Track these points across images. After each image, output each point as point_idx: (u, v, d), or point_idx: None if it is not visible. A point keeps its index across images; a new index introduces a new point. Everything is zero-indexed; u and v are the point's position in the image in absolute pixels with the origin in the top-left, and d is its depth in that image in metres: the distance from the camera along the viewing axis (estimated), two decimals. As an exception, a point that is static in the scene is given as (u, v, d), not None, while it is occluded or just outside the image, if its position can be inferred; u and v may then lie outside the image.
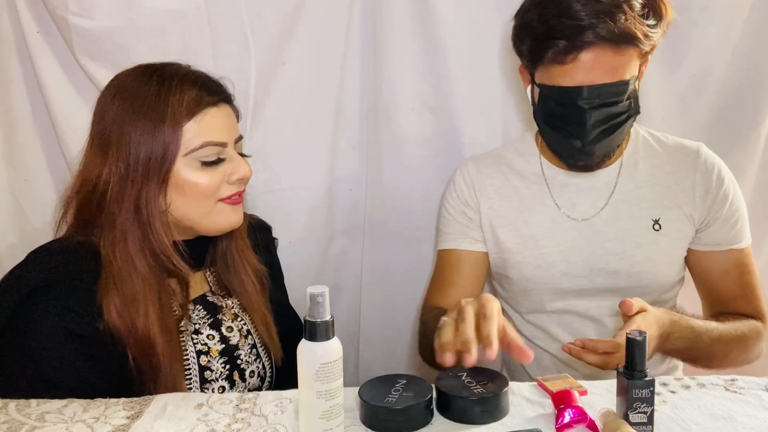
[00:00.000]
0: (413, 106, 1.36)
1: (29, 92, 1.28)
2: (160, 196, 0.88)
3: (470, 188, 1.17)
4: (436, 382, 0.77)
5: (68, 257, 0.88)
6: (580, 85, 0.95)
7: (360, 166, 1.42)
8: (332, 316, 0.68)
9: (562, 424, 0.71)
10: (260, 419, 0.75)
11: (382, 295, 1.46)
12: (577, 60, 0.94)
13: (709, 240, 1.09)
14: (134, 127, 0.87)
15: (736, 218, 1.08)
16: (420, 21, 1.31)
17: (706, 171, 1.08)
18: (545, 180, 1.14)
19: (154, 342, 0.86)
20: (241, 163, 0.94)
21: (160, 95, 0.88)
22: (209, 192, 0.91)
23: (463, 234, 1.18)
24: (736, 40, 1.31)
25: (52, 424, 0.74)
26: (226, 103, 0.95)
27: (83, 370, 0.84)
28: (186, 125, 0.88)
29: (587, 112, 0.96)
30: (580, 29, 0.91)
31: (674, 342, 0.94)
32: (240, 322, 1.01)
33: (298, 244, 1.37)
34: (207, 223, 0.93)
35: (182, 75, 0.91)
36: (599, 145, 1.00)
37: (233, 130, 0.95)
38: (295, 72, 1.32)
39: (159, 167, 0.87)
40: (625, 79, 0.95)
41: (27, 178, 1.31)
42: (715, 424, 0.72)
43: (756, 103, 1.32)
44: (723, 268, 1.08)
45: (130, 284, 0.87)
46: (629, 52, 0.95)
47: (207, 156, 0.90)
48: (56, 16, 1.21)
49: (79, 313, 0.84)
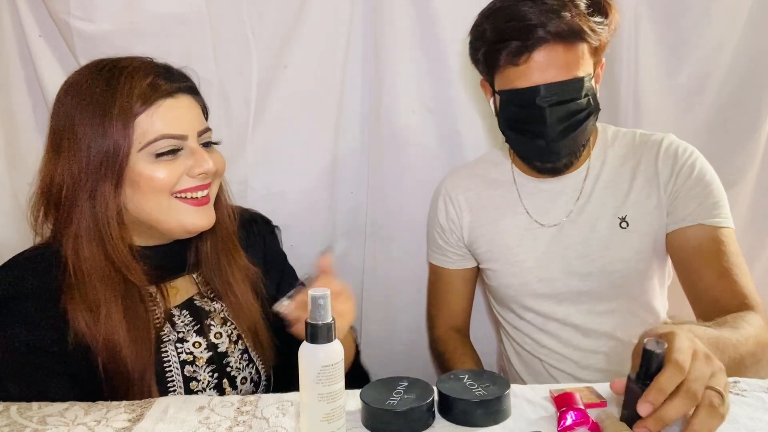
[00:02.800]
0: (414, 109, 1.36)
1: (31, 95, 1.28)
2: (116, 195, 0.84)
3: (449, 208, 1.21)
4: (437, 384, 0.77)
5: (31, 268, 0.85)
6: (536, 84, 0.97)
7: (361, 168, 1.42)
8: (333, 318, 0.68)
9: (564, 426, 0.71)
10: (261, 422, 0.75)
11: (383, 298, 1.46)
12: (531, 60, 0.97)
13: (678, 216, 1.04)
14: (84, 124, 0.84)
15: (705, 193, 1.03)
16: (420, 24, 1.32)
17: (668, 156, 1.07)
18: (516, 188, 1.16)
19: (119, 347, 0.82)
20: (204, 155, 0.88)
21: (109, 89, 0.84)
22: (166, 186, 0.86)
23: (443, 254, 1.25)
24: (737, 41, 1.31)
25: (53, 427, 0.74)
26: (186, 93, 0.90)
27: (44, 384, 0.82)
28: (138, 119, 0.84)
29: (546, 110, 0.98)
30: (530, 28, 0.95)
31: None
32: (230, 326, 0.97)
33: (299, 246, 1.37)
34: (169, 222, 0.87)
35: (134, 67, 0.87)
36: (563, 144, 1.01)
37: (194, 122, 0.89)
38: (296, 75, 1.32)
39: (112, 165, 0.83)
40: (579, 76, 0.98)
41: (29, 181, 1.31)
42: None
43: (756, 104, 1.32)
44: (697, 243, 1.02)
45: (92, 288, 0.83)
46: (580, 48, 0.97)
47: (161, 148, 0.85)
48: (58, 20, 1.21)
49: (39, 326, 0.82)
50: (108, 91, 0.84)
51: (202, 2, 1.25)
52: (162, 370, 0.88)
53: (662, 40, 1.32)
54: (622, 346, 1.10)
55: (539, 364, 1.16)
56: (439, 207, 1.24)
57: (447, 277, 1.25)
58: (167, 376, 0.88)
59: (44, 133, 1.28)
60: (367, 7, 1.32)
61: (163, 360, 0.89)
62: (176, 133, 0.86)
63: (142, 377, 0.84)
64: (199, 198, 0.89)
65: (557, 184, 1.12)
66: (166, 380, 0.88)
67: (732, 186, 1.27)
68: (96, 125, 0.83)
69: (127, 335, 0.83)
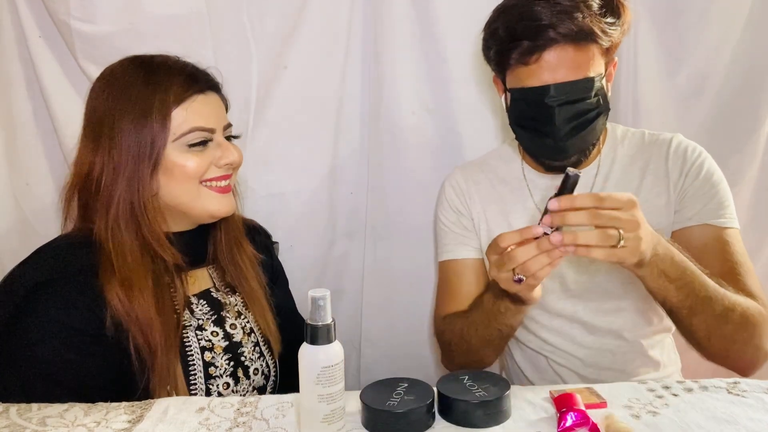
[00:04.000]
0: (414, 110, 1.36)
1: (31, 96, 1.28)
2: (151, 182, 0.91)
3: (460, 196, 1.20)
4: (437, 385, 0.77)
5: (70, 253, 0.90)
6: (546, 83, 0.98)
7: (361, 169, 1.42)
8: (333, 319, 0.68)
9: (564, 427, 0.71)
10: (261, 423, 0.75)
11: (383, 298, 1.46)
12: (541, 59, 0.97)
13: (684, 215, 1.05)
14: (124, 116, 0.90)
15: (711, 193, 1.04)
16: (420, 25, 1.32)
17: (677, 156, 1.07)
18: (527, 184, 1.15)
19: (152, 323, 0.87)
20: (230, 148, 0.97)
21: (148, 85, 0.91)
22: (197, 174, 0.94)
23: (461, 243, 1.19)
24: (736, 42, 1.31)
25: (53, 428, 0.74)
26: (213, 91, 0.98)
27: (81, 367, 0.85)
28: (174, 112, 0.91)
29: (555, 110, 0.98)
30: (541, 29, 0.95)
31: (663, 259, 0.86)
32: (243, 319, 1.02)
33: (299, 247, 1.37)
34: (196, 207, 0.95)
35: (170, 65, 0.95)
36: (571, 143, 1.02)
37: (221, 117, 0.98)
38: (296, 75, 1.32)
39: (149, 154, 0.90)
40: (589, 76, 0.98)
41: (29, 182, 1.31)
42: (718, 427, 0.72)
43: (756, 104, 1.32)
44: (701, 242, 1.03)
45: (126, 268, 0.89)
46: (591, 50, 0.97)
47: (194, 139, 0.93)
48: (58, 21, 1.21)
49: (79, 309, 0.85)
50: (148, 86, 0.91)
51: (202, 3, 1.26)
52: (184, 353, 0.92)
53: (661, 40, 1.32)
54: (628, 345, 1.09)
55: (544, 361, 1.16)
56: (447, 194, 1.21)
57: (462, 270, 1.19)
58: (189, 360, 0.92)
59: (44, 135, 1.30)
60: (367, 8, 1.32)
61: (185, 344, 0.93)
62: (207, 126, 0.94)
63: (167, 355, 0.88)
64: (222, 186, 0.97)
65: None
66: (188, 363, 0.92)
67: (732, 186, 1.26)
68: (137, 118, 0.90)
69: (156, 312, 0.88)
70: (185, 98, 0.92)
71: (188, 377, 0.91)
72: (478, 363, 1.09)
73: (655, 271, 0.87)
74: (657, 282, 0.89)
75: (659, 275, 0.88)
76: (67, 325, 0.84)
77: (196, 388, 0.91)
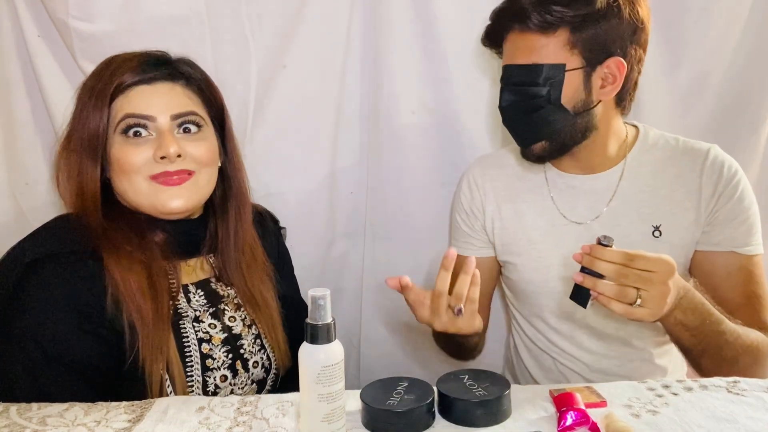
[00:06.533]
0: (413, 109, 1.36)
1: (30, 96, 1.28)
2: (101, 174, 0.92)
3: (474, 193, 1.20)
4: (437, 384, 0.77)
5: (66, 229, 0.91)
6: (504, 64, 1.04)
7: (360, 168, 1.42)
8: (333, 318, 0.68)
9: (565, 426, 0.71)
10: (261, 422, 0.75)
11: (383, 298, 1.45)
12: (507, 41, 1.03)
13: (712, 239, 1.04)
14: (83, 108, 0.92)
15: (742, 219, 1.02)
16: (420, 23, 1.32)
17: (713, 171, 1.04)
18: (546, 182, 1.14)
19: (144, 292, 0.87)
20: (167, 139, 0.90)
21: (101, 77, 0.92)
22: (134, 168, 0.90)
23: (467, 242, 1.21)
24: (736, 41, 1.31)
25: (53, 428, 0.74)
26: (168, 81, 0.94)
27: (78, 343, 0.85)
28: (115, 102, 0.91)
29: (503, 90, 1.03)
30: (506, 12, 1.01)
31: (685, 311, 0.88)
32: (243, 312, 1.01)
33: (299, 247, 1.37)
34: (144, 204, 0.93)
35: (124, 59, 0.94)
36: (518, 128, 1.05)
37: (171, 106, 0.92)
38: (295, 75, 1.32)
39: (95, 144, 0.91)
40: (539, 63, 0.98)
41: (28, 181, 1.31)
42: (718, 426, 0.72)
43: (756, 104, 1.32)
44: (726, 270, 1.03)
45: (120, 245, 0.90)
46: (552, 38, 0.97)
47: (124, 126, 0.91)
48: (57, 20, 1.21)
49: (76, 285, 0.86)
50: (101, 78, 0.92)
51: (201, 3, 1.25)
52: (181, 344, 0.91)
53: (662, 39, 1.32)
54: (636, 352, 1.09)
55: (550, 361, 1.15)
56: (463, 191, 1.21)
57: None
58: (186, 351, 0.91)
59: (43, 134, 1.30)
60: (366, 7, 1.32)
61: (182, 335, 0.92)
62: (139, 113, 0.91)
63: (156, 328, 0.87)
64: (174, 179, 0.92)
65: (589, 182, 1.10)
66: (185, 355, 0.91)
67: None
68: (86, 109, 0.91)
69: (148, 285, 0.89)
70: (127, 88, 0.91)
71: (185, 368, 0.91)
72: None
73: (673, 320, 0.89)
74: (673, 328, 0.91)
75: (676, 323, 0.89)
76: (64, 301, 0.85)
77: (193, 379, 0.91)
